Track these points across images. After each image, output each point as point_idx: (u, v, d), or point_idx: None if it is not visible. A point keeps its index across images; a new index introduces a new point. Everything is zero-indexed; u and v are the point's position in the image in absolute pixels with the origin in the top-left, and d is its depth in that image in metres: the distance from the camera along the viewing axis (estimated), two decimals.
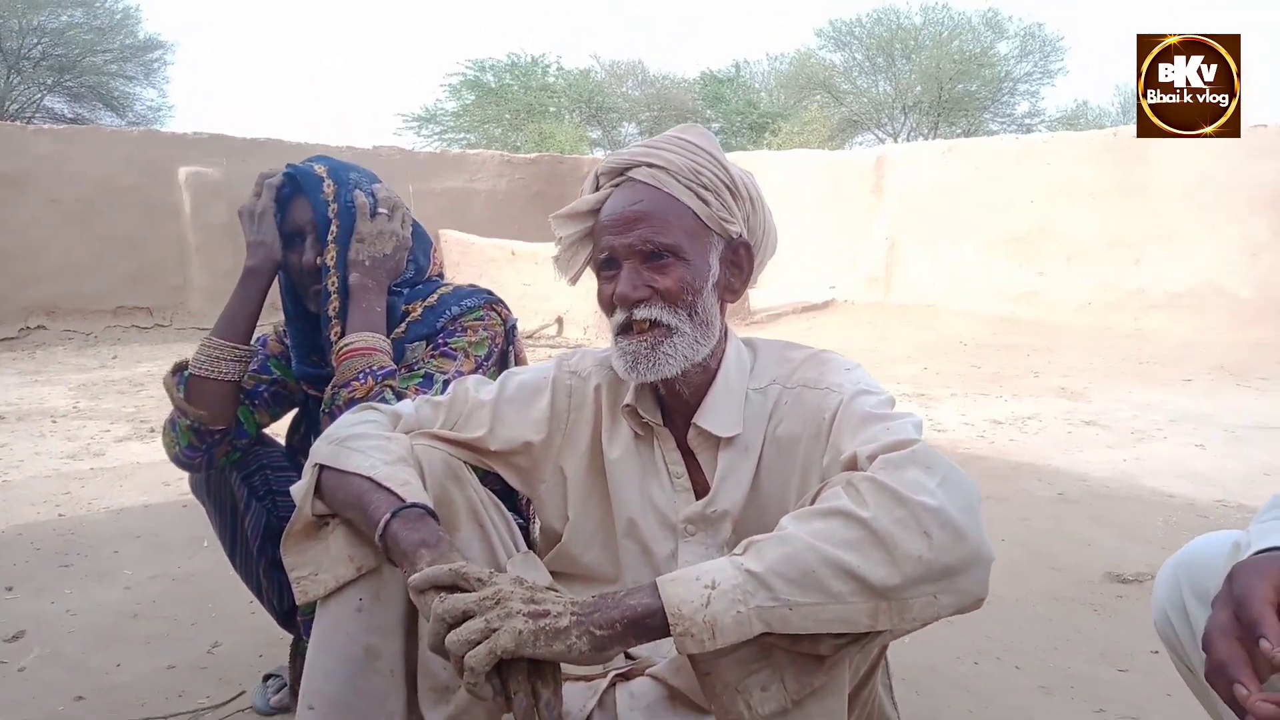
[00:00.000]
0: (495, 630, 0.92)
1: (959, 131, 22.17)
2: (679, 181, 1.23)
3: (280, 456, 1.89)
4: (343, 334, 1.65)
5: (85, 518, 3.32)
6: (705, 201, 1.23)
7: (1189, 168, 8.01)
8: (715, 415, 1.27)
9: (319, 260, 1.68)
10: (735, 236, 1.27)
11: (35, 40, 18.36)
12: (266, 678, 2.01)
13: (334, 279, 1.67)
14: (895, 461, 0.98)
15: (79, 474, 3.95)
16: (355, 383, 1.55)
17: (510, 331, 1.77)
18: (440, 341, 1.68)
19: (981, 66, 21.97)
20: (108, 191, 8.73)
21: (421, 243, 1.86)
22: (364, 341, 1.60)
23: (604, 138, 24.85)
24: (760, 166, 10.56)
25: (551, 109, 22.93)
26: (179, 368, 1.73)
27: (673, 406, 1.31)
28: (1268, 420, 4.84)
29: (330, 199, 1.69)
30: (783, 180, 10.56)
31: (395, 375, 1.59)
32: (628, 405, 1.31)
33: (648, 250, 1.21)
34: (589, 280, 1.35)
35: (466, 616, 0.94)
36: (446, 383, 1.57)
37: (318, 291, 1.70)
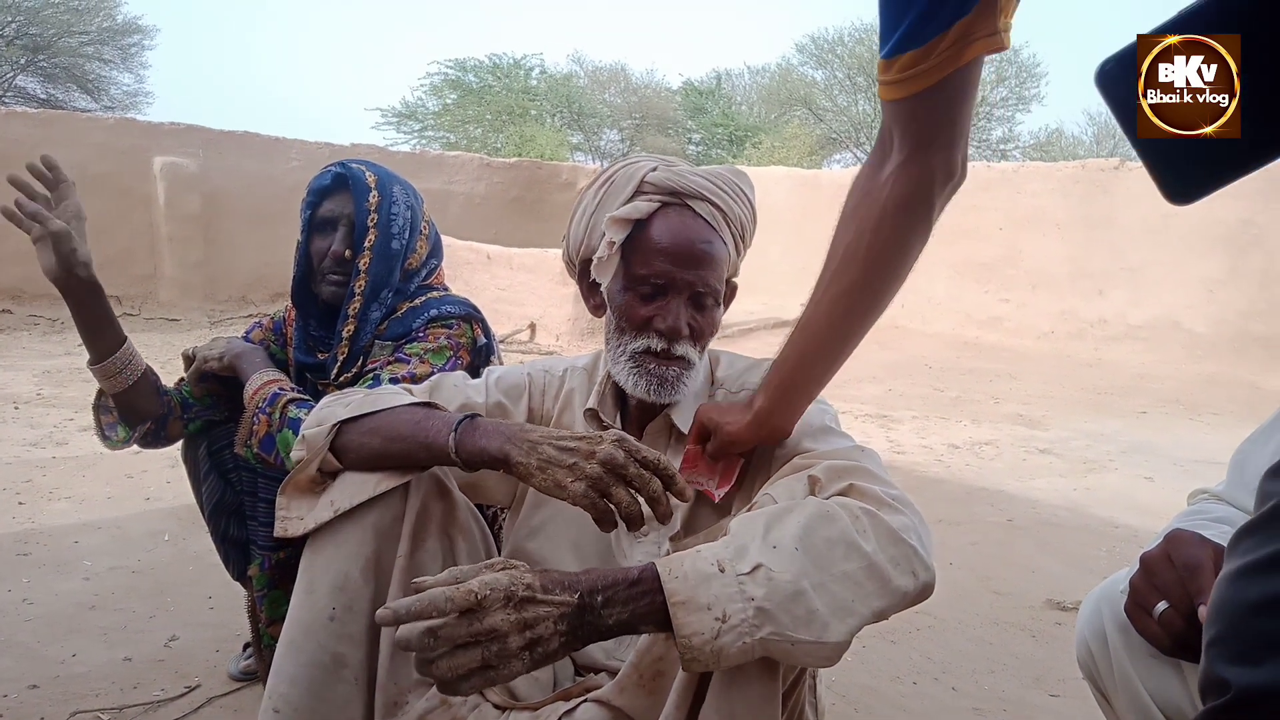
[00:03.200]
0: (493, 668, 0.88)
1: None
2: (730, 230, 1.33)
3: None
4: (357, 335, 1.73)
5: (46, 506, 3.31)
6: (738, 254, 1.36)
7: (1154, 203, 8.15)
8: (684, 415, 1.35)
9: (349, 257, 1.73)
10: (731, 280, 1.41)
11: (9, 18, 17.92)
12: (245, 646, 2.11)
13: (363, 282, 1.73)
14: (883, 500, 1.03)
15: (40, 462, 3.92)
16: (255, 426, 1.63)
17: (483, 351, 1.77)
18: (401, 344, 1.72)
19: None
20: (80, 178, 8.29)
21: (438, 246, 1.92)
22: (257, 383, 1.70)
23: (585, 143, 24.85)
24: None
25: (533, 112, 22.90)
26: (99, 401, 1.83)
27: (638, 412, 1.38)
28: (1215, 455, 4.97)
29: (372, 209, 1.73)
30: (758, 196, 10.61)
31: (279, 399, 1.64)
32: (590, 409, 1.38)
33: (700, 292, 1.29)
34: (560, 287, 1.42)
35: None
36: (395, 382, 1.59)
37: (333, 281, 1.75)
